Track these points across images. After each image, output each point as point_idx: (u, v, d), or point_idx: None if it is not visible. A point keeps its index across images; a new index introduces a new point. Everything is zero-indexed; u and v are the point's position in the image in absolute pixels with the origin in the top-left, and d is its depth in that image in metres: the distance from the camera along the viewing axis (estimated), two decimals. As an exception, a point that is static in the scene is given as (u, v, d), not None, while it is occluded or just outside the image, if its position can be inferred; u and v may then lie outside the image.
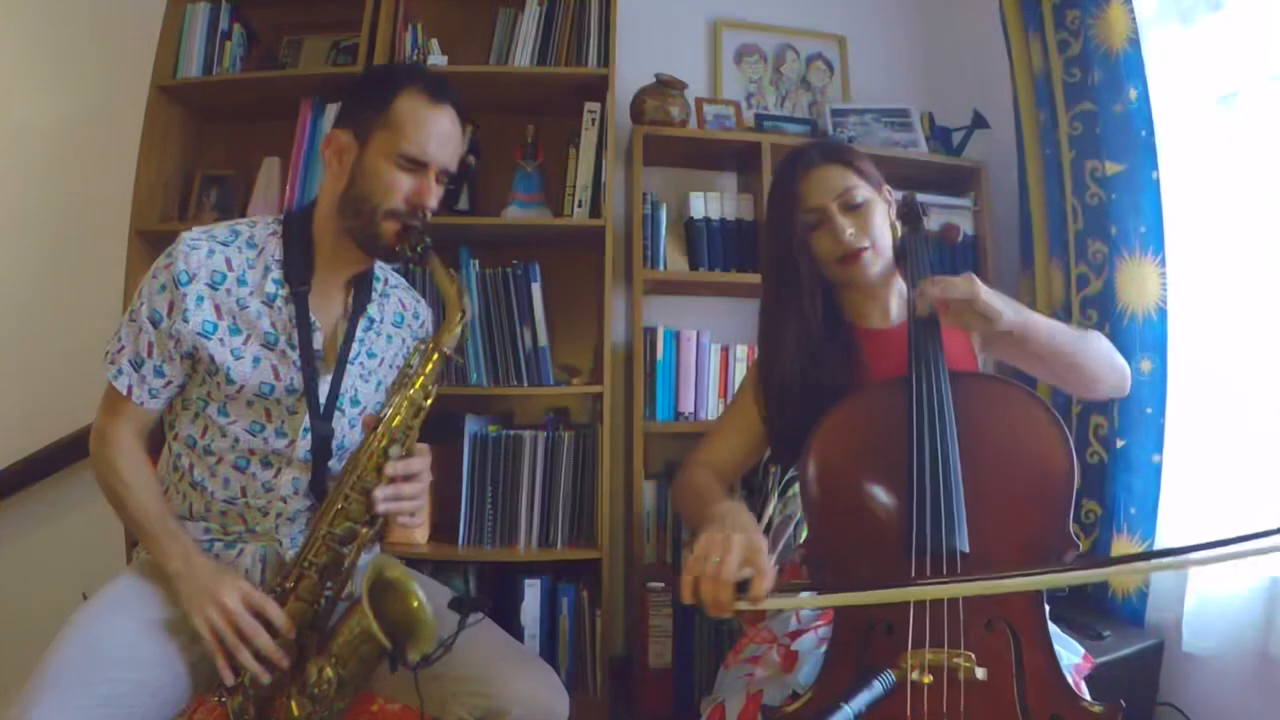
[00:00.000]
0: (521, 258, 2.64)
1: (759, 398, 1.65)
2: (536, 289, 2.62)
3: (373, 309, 1.63)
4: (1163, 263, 2.22)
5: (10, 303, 2.96)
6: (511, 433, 2.60)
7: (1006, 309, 1.39)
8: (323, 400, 1.52)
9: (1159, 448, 2.20)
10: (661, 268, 2.77)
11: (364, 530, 1.44)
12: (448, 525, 2.60)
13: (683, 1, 3.19)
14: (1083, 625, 2.09)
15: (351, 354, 1.57)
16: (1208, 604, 1.98)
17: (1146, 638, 2.13)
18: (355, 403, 1.59)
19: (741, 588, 1.15)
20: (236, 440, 1.50)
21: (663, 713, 2.66)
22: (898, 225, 1.62)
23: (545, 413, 2.80)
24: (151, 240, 2.65)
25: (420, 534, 2.54)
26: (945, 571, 1.20)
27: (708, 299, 3.07)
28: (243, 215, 2.77)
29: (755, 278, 2.75)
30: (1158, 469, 2.20)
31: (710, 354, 2.80)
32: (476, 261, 2.63)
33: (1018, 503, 1.29)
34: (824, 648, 1.35)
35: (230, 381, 1.47)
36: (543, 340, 2.62)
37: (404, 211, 1.48)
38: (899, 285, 1.67)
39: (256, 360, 1.49)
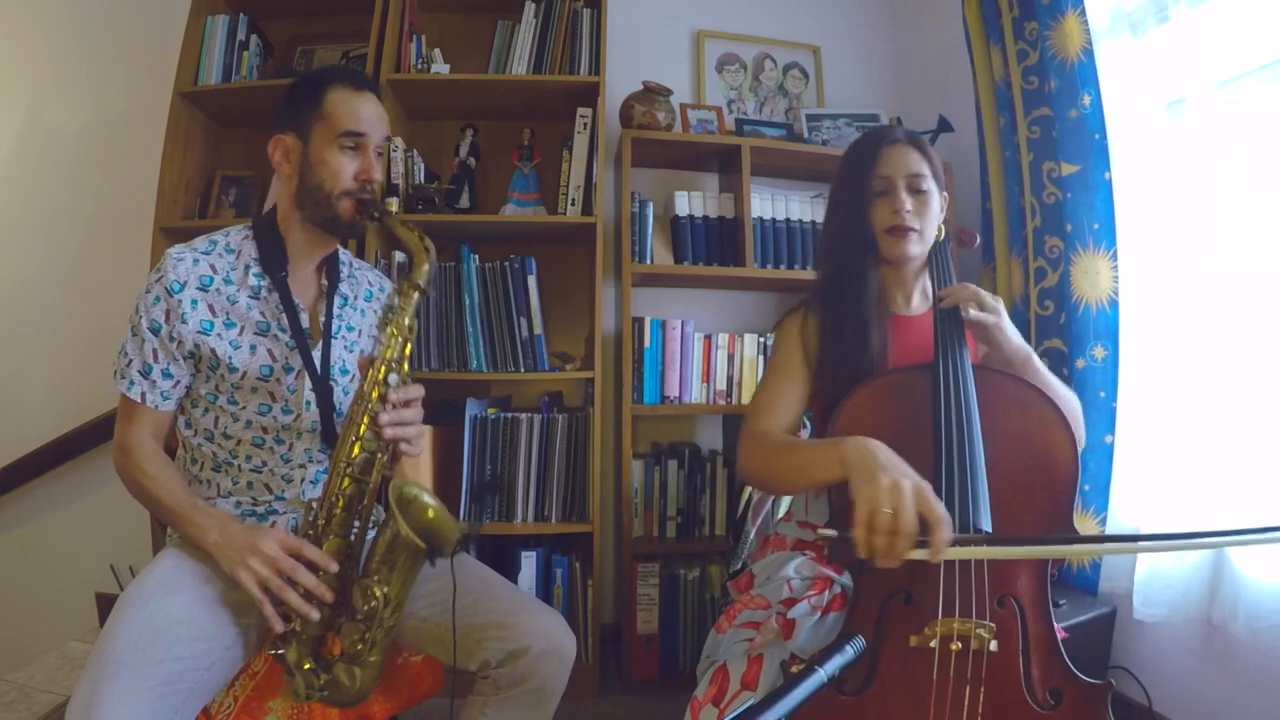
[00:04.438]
0: (518, 253, 2.62)
1: (810, 354, 1.56)
2: (532, 282, 2.59)
3: (344, 287, 1.65)
4: (1115, 257, 2.19)
5: (41, 296, 2.93)
6: (509, 415, 2.58)
7: (1018, 339, 1.42)
8: (318, 367, 1.53)
9: (1111, 429, 2.16)
10: (649, 262, 2.73)
11: (380, 457, 1.43)
12: (450, 501, 2.54)
13: (668, 14, 3.14)
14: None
15: (334, 328, 1.59)
16: (1157, 574, 1.94)
17: (1100, 606, 2.10)
18: (344, 372, 1.60)
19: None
20: (249, 423, 1.51)
21: (650, 676, 2.64)
22: (943, 228, 1.59)
23: (540, 397, 2.77)
24: (174, 237, 2.59)
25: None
26: None
27: (691, 291, 3.05)
28: (260, 213, 2.72)
29: (736, 271, 2.74)
30: (1110, 449, 2.16)
31: (694, 342, 2.76)
32: (476, 256, 2.60)
33: (1030, 491, 1.26)
34: (818, 615, 1.33)
35: (233, 370, 1.47)
36: (538, 329, 2.59)
37: (355, 189, 1.50)
38: (924, 280, 1.63)
39: (253, 348, 1.49)
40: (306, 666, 1.35)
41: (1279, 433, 1.79)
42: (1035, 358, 1.45)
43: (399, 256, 2.57)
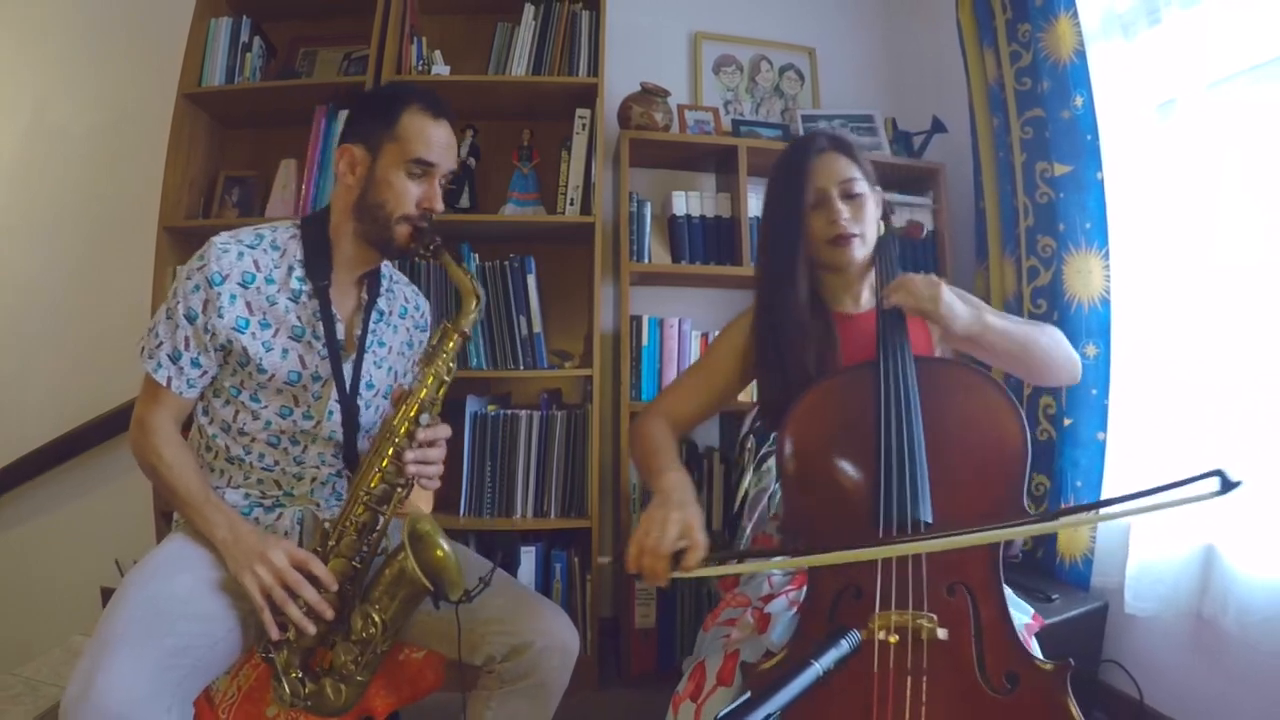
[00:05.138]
0: (518, 252, 2.61)
1: (749, 364, 1.60)
2: (532, 280, 2.59)
3: (382, 302, 1.62)
4: (1106, 256, 2.19)
5: (47, 294, 2.92)
6: (509, 412, 2.58)
7: (964, 313, 1.41)
8: (348, 382, 1.52)
9: (1103, 426, 2.16)
10: (646, 261, 2.73)
11: (399, 490, 1.43)
12: (450, 497, 2.55)
13: (666, 16, 3.13)
14: (1032, 589, 2.06)
15: (367, 343, 1.57)
16: (1148, 569, 1.93)
17: (1092, 600, 2.10)
18: (370, 386, 1.58)
19: (677, 559, 1.20)
20: (268, 423, 1.49)
21: (648, 670, 2.63)
22: (882, 224, 1.58)
23: (540, 394, 2.76)
24: (178, 236, 2.61)
25: (424, 504, 2.50)
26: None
27: (688, 289, 3.03)
28: (262, 213, 2.77)
29: (732, 270, 2.74)
30: (1101, 445, 2.17)
31: (691, 340, 2.76)
32: (477, 255, 2.60)
33: (977, 477, 1.26)
34: (794, 610, 1.33)
35: (262, 371, 1.45)
36: (537, 327, 2.59)
37: (415, 215, 1.48)
38: (871, 276, 1.62)
39: (285, 352, 1.47)
40: (294, 675, 1.36)
41: (1271, 430, 1.79)
42: (988, 315, 1.44)
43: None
